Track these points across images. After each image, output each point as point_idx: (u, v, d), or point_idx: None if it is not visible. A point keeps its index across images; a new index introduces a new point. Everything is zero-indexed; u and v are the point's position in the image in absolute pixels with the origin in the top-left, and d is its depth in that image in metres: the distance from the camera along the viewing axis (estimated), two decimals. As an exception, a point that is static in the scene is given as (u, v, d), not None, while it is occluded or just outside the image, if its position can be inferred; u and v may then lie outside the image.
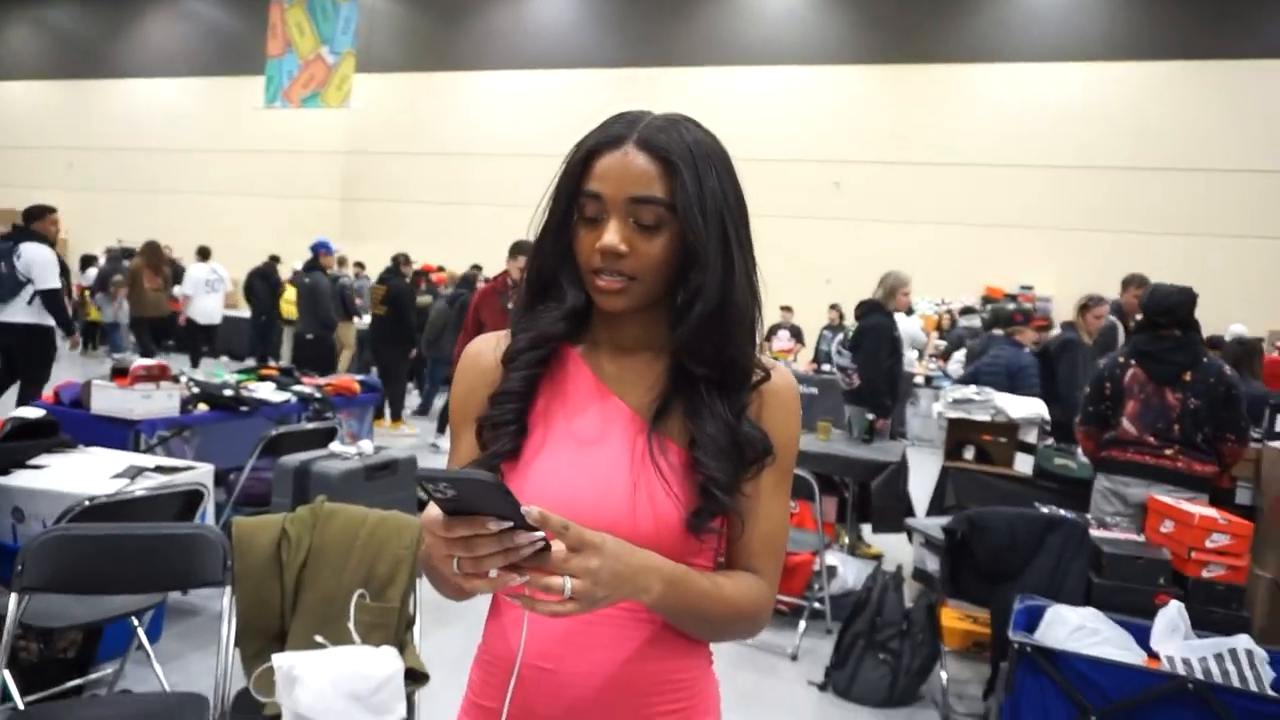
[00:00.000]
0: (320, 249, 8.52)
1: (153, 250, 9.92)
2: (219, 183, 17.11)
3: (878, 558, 4.72)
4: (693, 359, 0.99)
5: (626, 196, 0.95)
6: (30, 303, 5.79)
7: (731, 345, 0.99)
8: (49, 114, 19.00)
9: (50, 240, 6.03)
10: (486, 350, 1.08)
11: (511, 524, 0.77)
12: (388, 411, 7.78)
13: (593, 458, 0.99)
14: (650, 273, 0.97)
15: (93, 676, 2.84)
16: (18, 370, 5.81)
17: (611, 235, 0.95)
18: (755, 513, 1.02)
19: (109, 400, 3.95)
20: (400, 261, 8.14)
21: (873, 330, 5.04)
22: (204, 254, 10.90)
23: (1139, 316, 3.77)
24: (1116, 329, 4.97)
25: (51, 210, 6.07)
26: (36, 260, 5.76)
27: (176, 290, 10.59)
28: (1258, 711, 2.27)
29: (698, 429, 0.99)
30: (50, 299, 5.84)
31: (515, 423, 1.01)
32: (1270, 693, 2.36)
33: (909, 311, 5.77)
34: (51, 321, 5.90)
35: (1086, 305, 5.05)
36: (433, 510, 0.84)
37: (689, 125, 1.00)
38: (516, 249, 4.46)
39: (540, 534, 0.78)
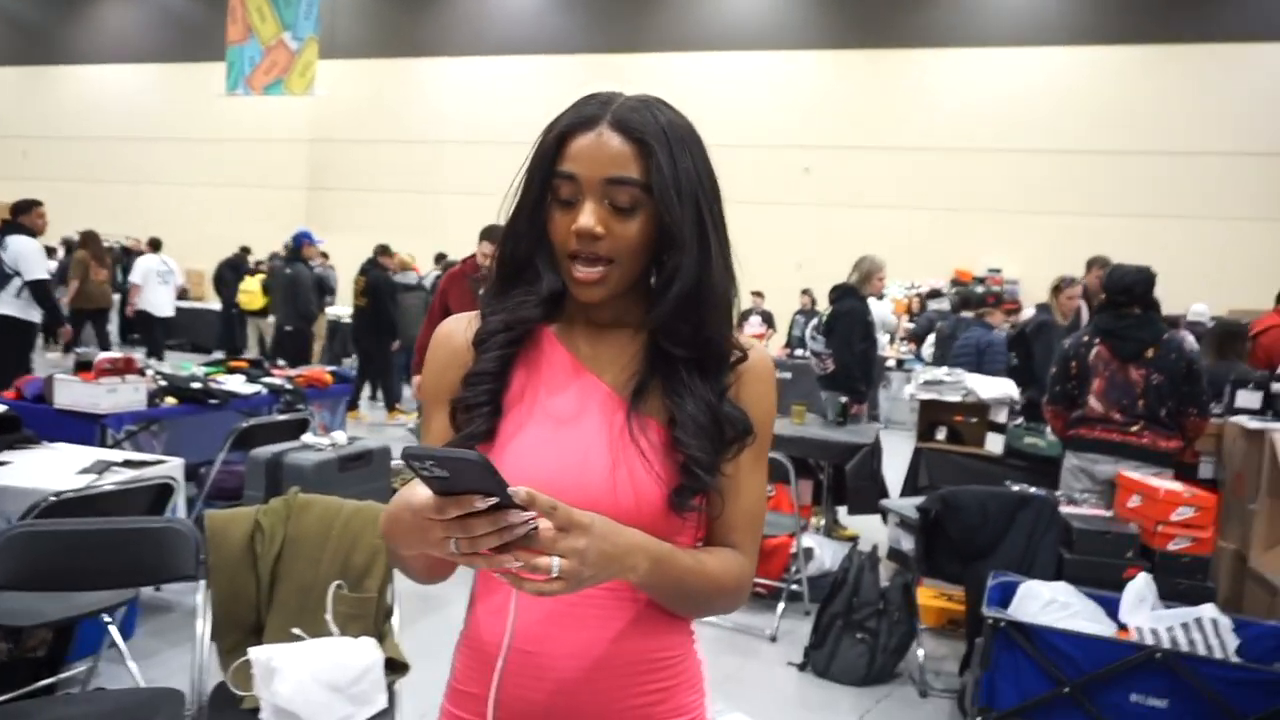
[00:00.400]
0: (304, 239, 8.46)
1: (94, 240, 9.68)
2: (181, 172, 16.77)
3: (854, 539, 4.77)
4: (670, 340, 0.99)
5: (602, 178, 0.95)
6: (19, 295, 5.81)
7: (708, 326, 0.99)
8: (1, 102, 18.49)
9: (37, 233, 6.06)
10: (457, 331, 1.07)
11: (499, 502, 0.77)
12: (372, 401, 7.77)
13: (571, 437, 0.98)
14: (627, 255, 0.96)
15: (65, 675, 2.79)
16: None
17: (587, 217, 0.94)
18: (735, 489, 1.02)
19: (73, 395, 3.86)
20: (379, 253, 8.11)
21: (846, 315, 5.07)
22: (155, 245, 10.71)
23: (1101, 296, 3.83)
24: (1081, 309, 5.05)
25: (38, 204, 6.14)
26: (24, 252, 5.80)
27: (130, 280, 10.41)
28: (1223, 677, 2.33)
29: (677, 408, 0.98)
30: (37, 289, 5.86)
31: (489, 404, 1.00)
32: (1234, 659, 2.43)
33: (879, 296, 5.80)
34: (35, 316, 5.90)
35: (1059, 287, 5.12)
36: (407, 494, 0.84)
37: (662, 106, 1.00)
38: (486, 233, 4.41)
39: (529, 513, 0.78)
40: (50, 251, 12.57)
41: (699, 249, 0.98)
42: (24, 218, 6.02)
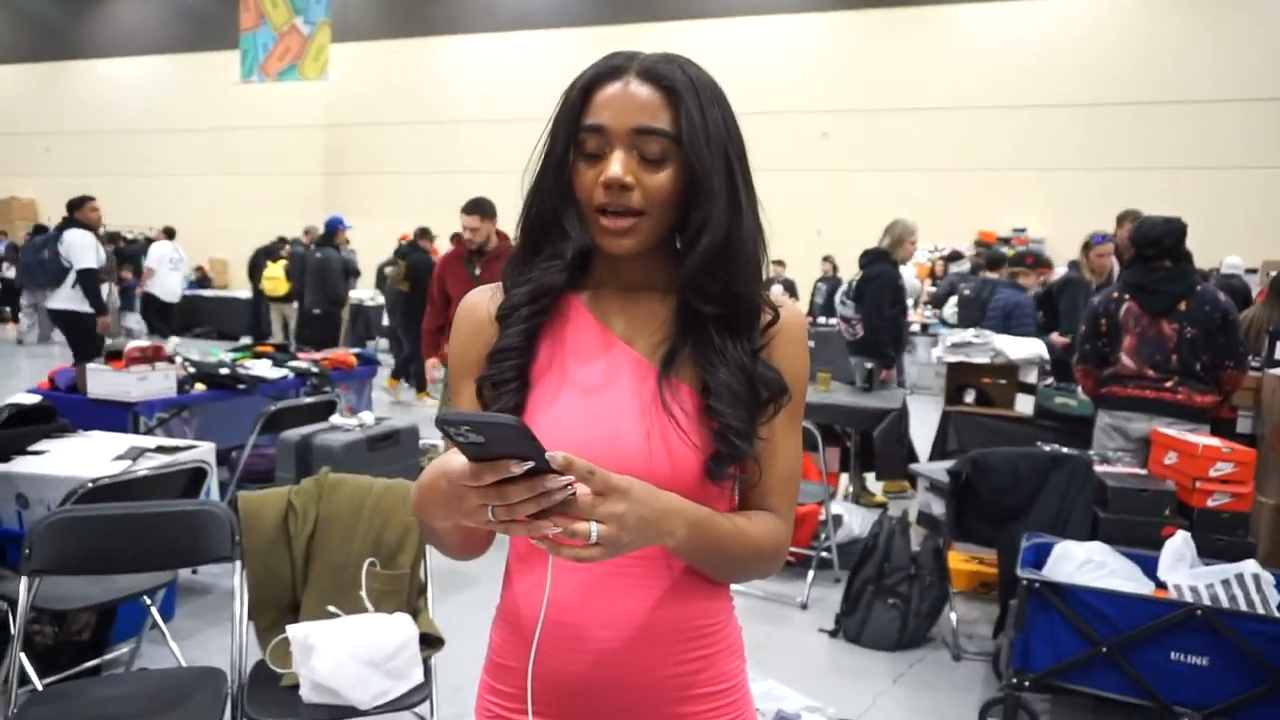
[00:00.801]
0: (337, 225, 8.61)
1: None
2: (198, 162, 16.88)
3: (882, 505, 4.75)
4: (699, 296, 0.97)
5: (630, 127, 0.93)
6: (75, 287, 6.17)
7: (738, 280, 0.97)
8: (22, 98, 18.67)
9: (92, 226, 6.40)
10: (481, 303, 1.05)
11: (535, 466, 0.76)
12: (406, 382, 7.96)
13: (603, 406, 0.97)
14: (657, 206, 0.94)
15: (109, 656, 2.85)
16: (75, 353, 6.15)
17: (617, 167, 0.92)
18: (771, 452, 1.01)
19: (105, 384, 3.92)
20: (419, 236, 8.25)
21: (877, 279, 5.01)
22: (170, 233, 11.04)
23: (1131, 251, 3.74)
24: (1113, 267, 4.93)
25: (90, 199, 6.48)
26: (75, 243, 6.22)
27: (145, 263, 10.62)
28: (1266, 633, 2.30)
29: (711, 376, 0.96)
30: (84, 278, 6.18)
31: (516, 379, 0.98)
32: (1277, 614, 2.39)
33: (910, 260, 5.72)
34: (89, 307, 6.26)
35: (1089, 244, 5.01)
36: (443, 463, 0.83)
37: (687, 62, 0.98)
38: (469, 208, 4.36)
39: (567, 478, 0.77)
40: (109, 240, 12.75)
41: (729, 201, 0.96)
42: (78, 213, 6.36)
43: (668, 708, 0.98)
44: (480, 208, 4.31)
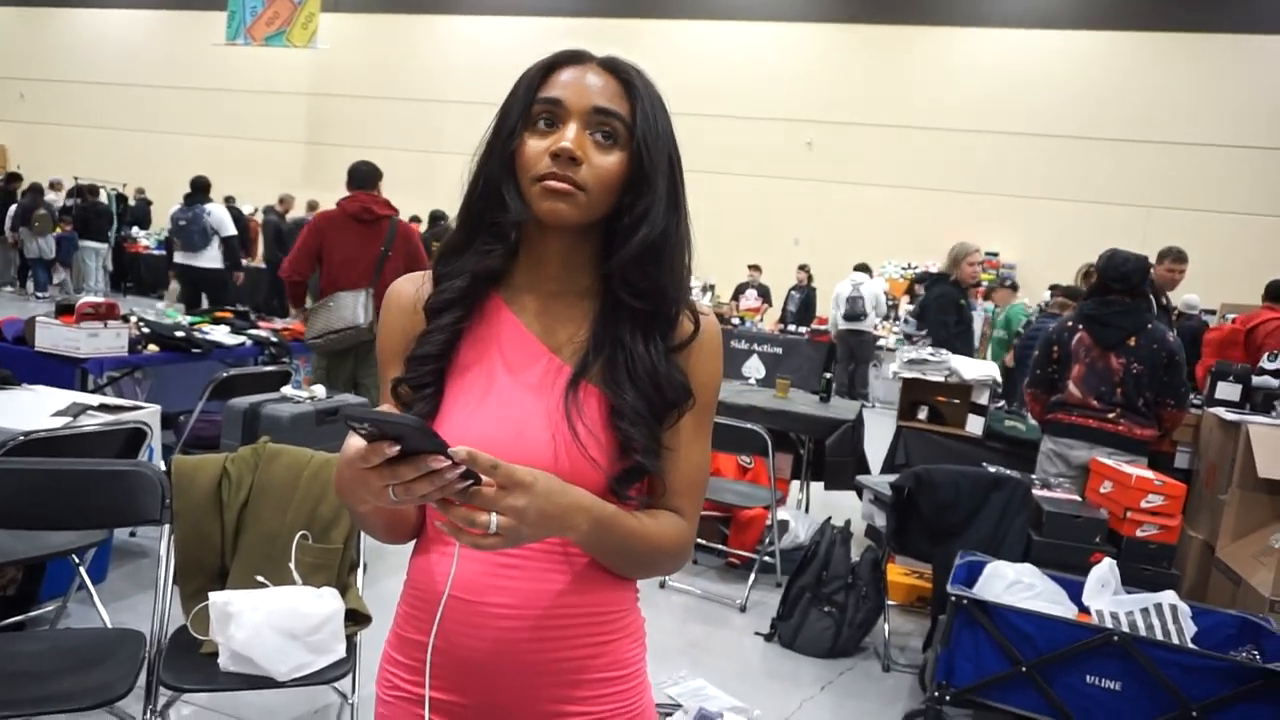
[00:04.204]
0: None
1: None
2: (177, 121, 16.60)
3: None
4: (627, 288, 0.98)
5: (590, 105, 0.95)
6: (217, 250, 7.98)
7: (665, 278, 0.99)
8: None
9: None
10: (406, 292, 1.06)
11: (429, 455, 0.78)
12: None
13: (513, 409, 0.98)
14: (600, 187, 0.95)
15: (34, 614, 2.81)
16: (211, 301, 7.63)
17: (570, 137, 0.94)
18: (676, 455, 1.02)
19: (53, 337, 3.85)
20: (439, 217, 8.25)
21: (938, 299, 5.16)
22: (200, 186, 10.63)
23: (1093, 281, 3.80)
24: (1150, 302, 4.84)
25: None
26: (222, 216, 8.11)
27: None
28: (1177, 662, 2.36)
29: (617, 395, 0.98)
30: (230, 244, 8.11)
31: (433, 385, 0.99)
32: (1190, 645, 2.46)
33: (975, 282, 5.73)
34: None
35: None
36: (344, 447, 0.84)
37: (642, 70, 1.02)
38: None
39: (462, 468, 0.79)
40: (37, 190, 12.48)
41: (668, 202, 0.98)
42: (209, 190, 8.17)
43: (563, 689, 1.00)
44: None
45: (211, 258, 7.99)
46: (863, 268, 10.08)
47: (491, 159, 0.99)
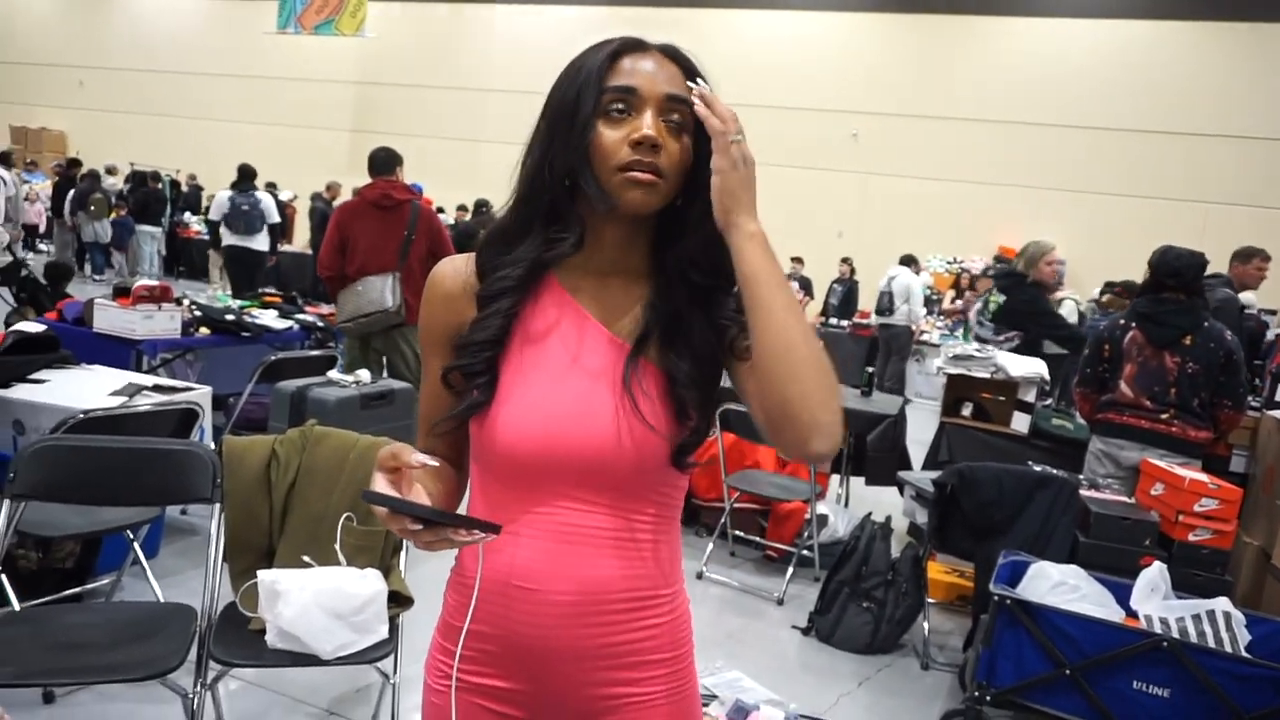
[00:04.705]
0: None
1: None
2: (230, 108, 16.92)
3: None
4: (690, 267, 1.00)
5: (663, 93, 0.95)
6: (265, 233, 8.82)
7: (726, 255, 0.97)
8: (58, 30, 18.75)
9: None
10: (448, 276, 1.05)
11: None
12: None
13: (574, 385, 0.98)
14: (674, 173, 0.96)
15: (90, 586, 2.90)
16: (255, 283, 8.25)
17: (650, 126, 0.94)
18: None
19: (110, 319, 3.97)
20: (483, 206, 8.40)
21: (1028, 305, 4.90)
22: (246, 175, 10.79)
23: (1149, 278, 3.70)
24: (1236, 301, 4.65)
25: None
26: (269, 205, 8.96)
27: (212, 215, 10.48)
28: (1229, 671, 2.30)
29: (674, 366, 0.99)
30: (274, 229, 9.06)
31: (486, 373, 0.99)
32: (1244, 654, 2.39)
33: (1054, 281, 5.43)
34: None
35: (1250, 255, 4.84)
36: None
37: (694, 54, 1.03)
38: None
39: (478, 535, 0.86)
40: (95, 176, 12.79)
41: None
42: (256, 179, 8.94)
43: (617, 672, 1.02)
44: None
45: (261, 242, 8.80)
46: (908, 260, 9.92)
47: (561, 148, 0.97)
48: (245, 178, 8.67)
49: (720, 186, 0.92)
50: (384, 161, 4.50)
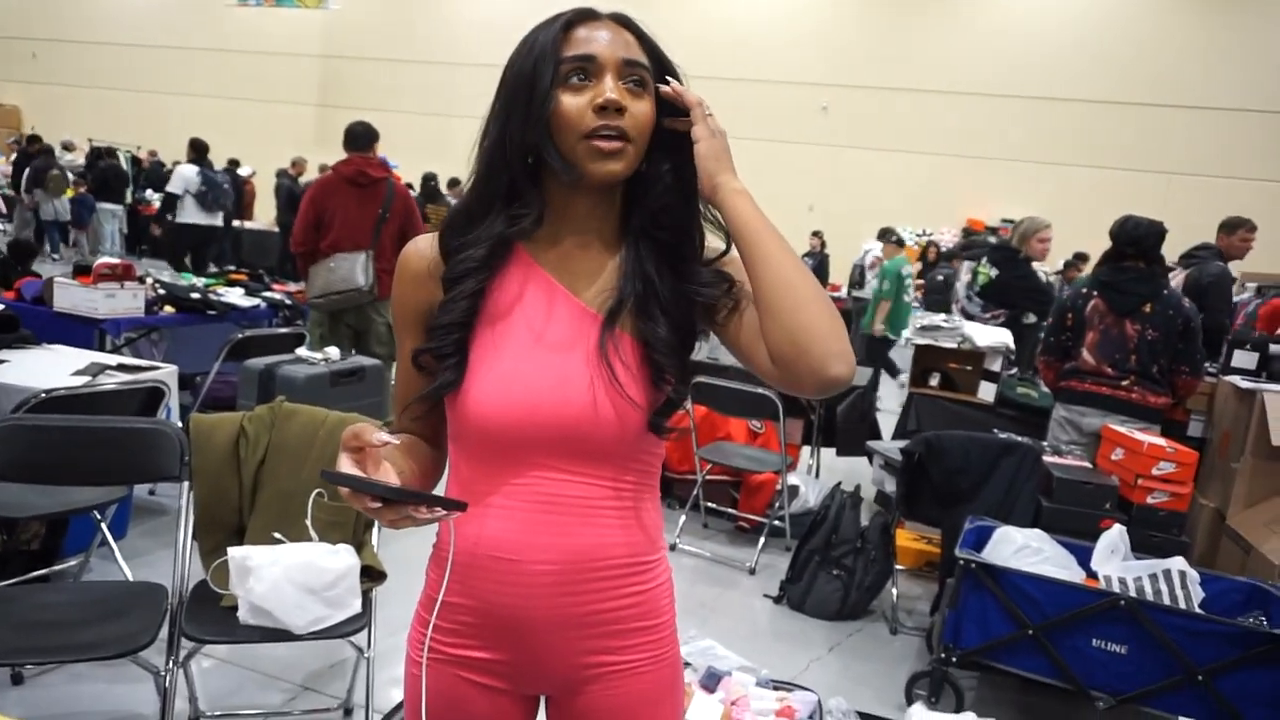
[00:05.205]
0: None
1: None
2: (188, 82, 16.55)
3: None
4: (654, 225, 1.01)
5: (620, 58, 0.96)
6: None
7: (688, 210, 1.02)
8: (12, 1, 18.15)
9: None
10: (416, 260, 1.05)
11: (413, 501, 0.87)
12: None
13: (549, 356, 0.99)
14: (640, 135, 0.97)
15: (58, 568, 2.87)
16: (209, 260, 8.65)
17: (613, 90, 0.95)
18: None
19: (71, 298, 3.89)
20: (450, 185, 8.34)
21: (1021, 281, 4.98)
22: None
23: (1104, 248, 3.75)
24: (1229, 275, 4.63)
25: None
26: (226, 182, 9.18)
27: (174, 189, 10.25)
28: (1184, 627, 2.38)
29: (649, 330, 0.99)
30: (229, 208, 9.25)
31: (456, 354, 1.00)
32: (1197, 610, 2.47)
33: (1042, 257, 5.33)
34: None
35: (1235, 226, 4.85)
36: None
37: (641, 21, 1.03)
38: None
39: (442, 512, 0.88)
40: (47, 151, 12.42)
41: (686, 141, 0.99)
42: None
43: (600, 640, 1.03)
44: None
45: (220, 219, 9.13)
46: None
47: (520, 123, 0.97)
48: (202, 152, 8.65)
49: (704, 153, 0.96)
50: (360, 136, 4.43)
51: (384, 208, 4.32)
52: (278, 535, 2.15)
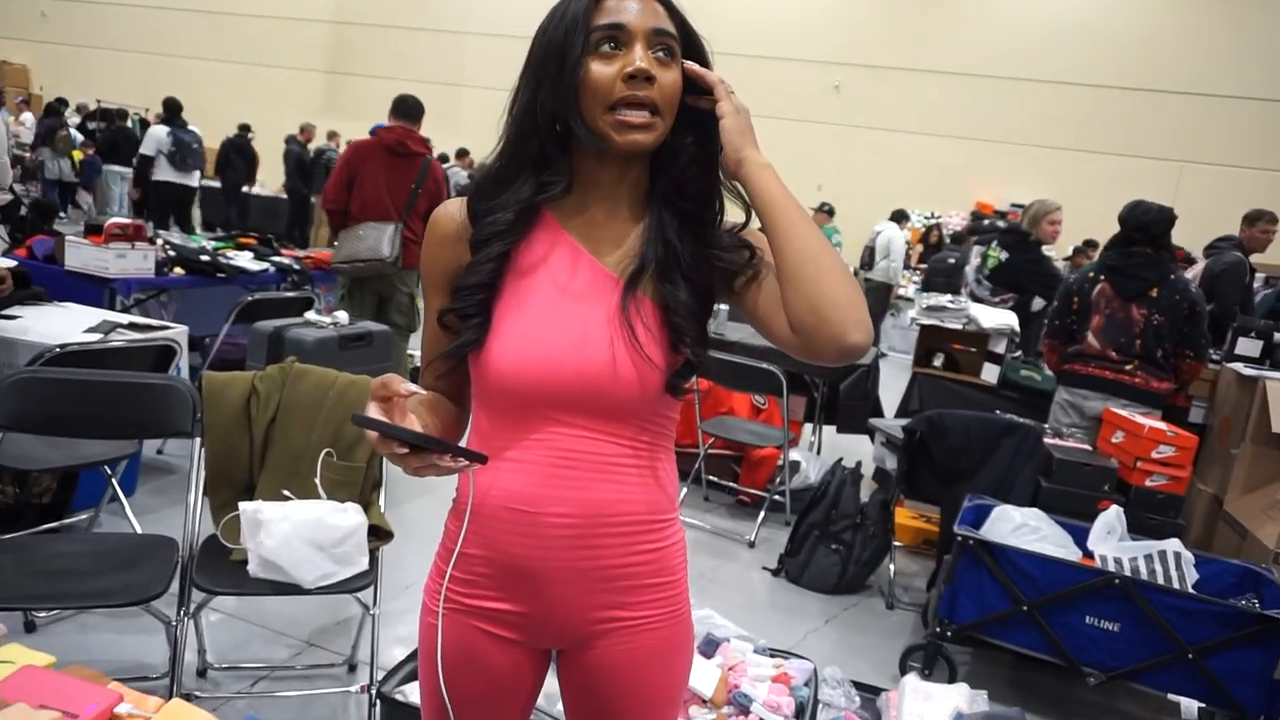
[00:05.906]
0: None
1: None
2: (197, 45, 16.44)
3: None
4: (677, 193, 1.03)
5: (650, 27, 0.97)
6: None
7: (711, 179, 1.04)
8: (20, -40, 18.02)
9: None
10: (446, 222, 1.07)
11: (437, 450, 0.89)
12: None
13: (570, 317, 1.01)
14: (668, 105, 0.98)
15: (68, 521, 2.92)
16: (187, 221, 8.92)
17: (642, 59, 0.96)
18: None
19: (82, 257, 3.91)
20: (458, 156, 8.31)
21: (1032, 265, 4.89)
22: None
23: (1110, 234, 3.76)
24: (1244, 264, 4.65)
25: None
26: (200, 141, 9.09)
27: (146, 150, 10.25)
28: (1177, 606, 2.41)
29: (670, 294, 1.01)
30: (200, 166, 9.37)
31: (479, 315, 1.02)
32: (1190, 590, 2.51)
33: (1052, 241, 5.27)
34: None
35: (1256, 218, 4.86)
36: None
37: None
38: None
39: (463, 463, 0.91)
40: (52, 110, 12.38)
41: (708, 112, 1.01)
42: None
43: (614, 595, 1.05)
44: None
45: (194, 179, 9.22)
46: (898, 216, 9.86)
47: (550, 91, 0.98)
48: (176, 112, 8.75)
49: (729, 127, 0.98)
50: (410, 107, 4.43)
51: (417, 183, 4.34)
52: (287, 493, 2.19)
